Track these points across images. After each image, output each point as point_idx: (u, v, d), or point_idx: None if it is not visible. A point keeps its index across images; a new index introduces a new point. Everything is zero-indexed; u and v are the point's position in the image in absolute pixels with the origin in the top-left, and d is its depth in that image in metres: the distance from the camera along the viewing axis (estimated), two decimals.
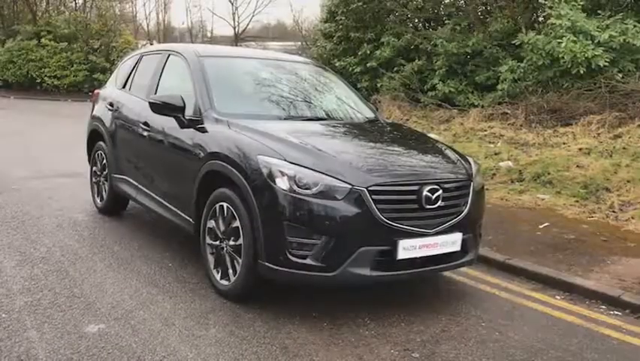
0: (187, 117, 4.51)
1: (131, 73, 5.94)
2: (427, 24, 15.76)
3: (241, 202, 3.85)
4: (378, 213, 3.61)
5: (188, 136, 4.49)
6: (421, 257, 3.77)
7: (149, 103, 4.61)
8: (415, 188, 3.75)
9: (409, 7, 15.19)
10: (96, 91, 6.74)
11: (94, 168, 6.33)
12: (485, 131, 10.61)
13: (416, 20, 16.13)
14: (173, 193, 4.77)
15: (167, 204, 4.82)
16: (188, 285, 4.31)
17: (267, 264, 3.69)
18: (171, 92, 4.85)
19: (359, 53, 15.36)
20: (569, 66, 10.99)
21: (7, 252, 4.90)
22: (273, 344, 3.45)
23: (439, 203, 3.81)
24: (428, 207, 3.76)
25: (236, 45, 54.61)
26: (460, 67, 13.69)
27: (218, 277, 4.11)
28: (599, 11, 11.90)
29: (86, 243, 5.23)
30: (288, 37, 50.21)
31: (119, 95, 5.90)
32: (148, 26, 43.97)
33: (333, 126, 4.69)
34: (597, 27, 11.13)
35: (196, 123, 4.45)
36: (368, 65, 15.00)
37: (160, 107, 4.56)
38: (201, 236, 4.29)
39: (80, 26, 25.83)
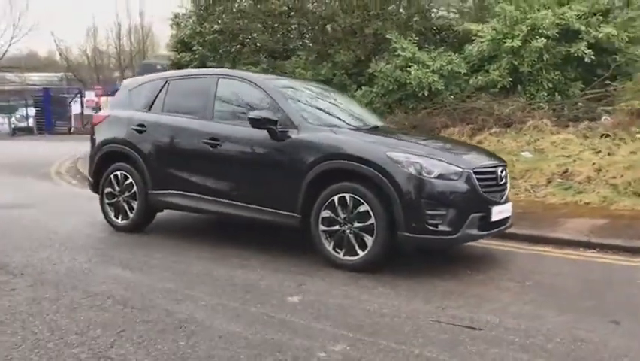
0: (279, 129, 5.31)
1: (157, 97, 6.32)
2: (277, 55, 17.20)
3: (369, 190, 4.86)
4: (480, 188, 4.94)
5: (284, 144, 5.27)
6: (497, 220, 5.18)
7: (250, 119, 5.29)
8: (494, 169, 5.18)
9: (260, 39, 16.53)
10: (98, 116, 6.84)
11: (108, 190, 6.47)
12: None
13: (262, 54, 17.49)
14: (267, 195, 5.40)
15: (258, 207, 5.43)
16: (303, 268, 5.05)
17: (406, 234, 4.75)
18: (230, 110, 5.71)
19: None
20: (415, 90, 13.42)
21: (99, 262, 5.19)
22: (427, 290, 4.53)
23: (504, 180, 5.29)
24: (500, 183, 5.22)
25: None
26: None
27: (340, 255, 5.01)
28: (426, 46, 14.66)
29: (151, 252, 5.54)
30: (45, 68, 47.43)
31: (151, 117, 6.22)
32: None
33: (391, 131, 5.91)
34: (429, 58, 13.80)
35: (287, 134, 5.28)
36: None
37: (260, 122, 5.27)
38: (313, 226, 5.13)
39: None
